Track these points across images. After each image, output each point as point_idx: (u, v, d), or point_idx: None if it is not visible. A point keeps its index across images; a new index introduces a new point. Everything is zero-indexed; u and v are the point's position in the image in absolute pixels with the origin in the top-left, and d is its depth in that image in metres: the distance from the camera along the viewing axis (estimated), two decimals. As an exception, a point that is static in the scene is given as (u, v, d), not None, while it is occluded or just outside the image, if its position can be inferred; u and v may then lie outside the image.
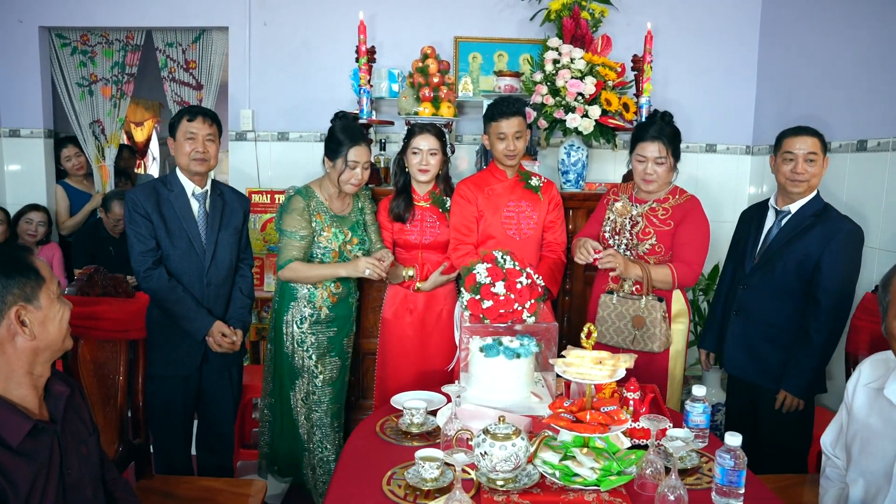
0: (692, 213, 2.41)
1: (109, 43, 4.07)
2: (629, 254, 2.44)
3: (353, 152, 2.45)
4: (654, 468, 1.48)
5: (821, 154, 2.26)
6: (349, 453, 1.68)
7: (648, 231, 2.41)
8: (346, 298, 2.62)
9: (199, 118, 2.33)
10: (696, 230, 2.40)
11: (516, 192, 2.67)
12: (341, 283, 2.57)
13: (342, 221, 2.56)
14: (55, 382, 1.32)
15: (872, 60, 2.77)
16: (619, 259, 2.30)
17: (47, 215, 3.72)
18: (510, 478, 1.45)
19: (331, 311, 2.56)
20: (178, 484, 2.12)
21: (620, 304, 2.38)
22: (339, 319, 2.61)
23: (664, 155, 2.37)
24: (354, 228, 2.58)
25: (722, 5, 3.71)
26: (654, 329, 2.32)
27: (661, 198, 2.46)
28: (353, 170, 2.46)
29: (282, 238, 2.51)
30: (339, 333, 2.62)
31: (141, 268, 2.27)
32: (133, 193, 2.32)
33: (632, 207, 2.48)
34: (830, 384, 2.48)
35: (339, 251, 2.53)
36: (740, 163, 3.81)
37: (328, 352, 2.59)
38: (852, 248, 2.22)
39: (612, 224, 2.51)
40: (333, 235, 2.52)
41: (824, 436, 1.70)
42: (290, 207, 2.49)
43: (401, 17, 3.70)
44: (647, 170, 2.39)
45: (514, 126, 2.56)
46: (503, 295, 1.93)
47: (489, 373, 1.88)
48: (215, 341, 2.36)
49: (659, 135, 2.37)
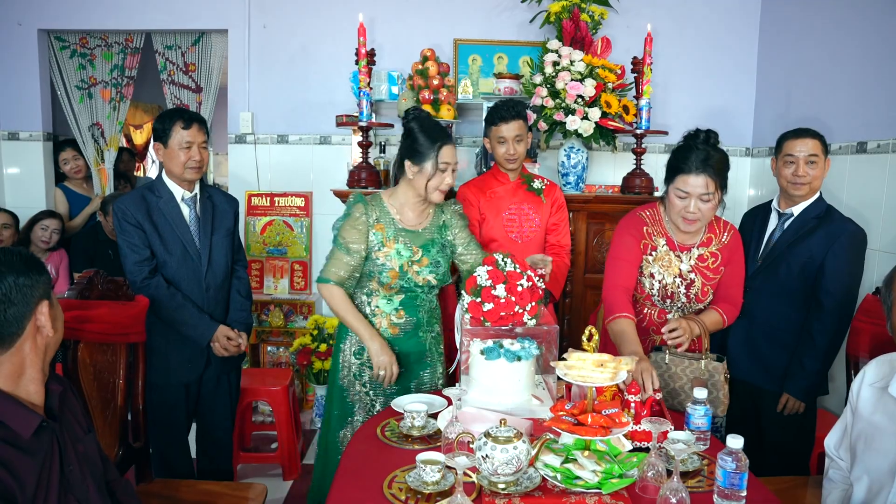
0: (737, 251, 2.17)
1: (109, 46, 4.07)
2: (680, 312, 2.17)
3: (445, 152, 2.10)
4: (655, 471, 1.48)
5: (822, 156, 2.25)
6: (350, 457, 1.67)
7: (707, 290, 2.12)
8: (414, 331, 2.19)
9: (194, 126, 2.29)
10: (740, 268, 2.18)
11: (518, 195, 2.66)
12: (405, 312, 2.17)
13: (413, 237, 2.15)
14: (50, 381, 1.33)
15: (872, 62, 2.77)
16: (685, 326, 2.00)
17: (61, 222, 3.71)
18: (512, 481, 1.44)
19: (393, 343, 2.16)
20: (179, 487, 2.12)
21: (675, 364, 2.01)
22: (405, 357, 2.17)
23: (711, 191, 1.97)
24: (428, 247, 2.16)
25: (721, 8, 3.72)
26: (717, 393, 1.98)
27: (704, 240, 2.13)
28: (444, 172, 2.10)
29: (332, 245, 2.18)
30: (407, 374, 2.18)
31: (137, 278, 2.23)
32: (121, 203, 2.27)
33: (676, 260, 2.11)
34: (832, 386, 2.48)
35: (399, 271, 2.11)
36: (740, 165, 3.81)
37: (391, 394, 2.14)
38: (855, 250, 2.22)
39: (660, 285, 2.13)
40: (396, 252, 2.11)
41: (828, 438, 1.70)
42: (347, 215, 2.16)
43: (400, 20, 3.71)
44: (689, 208, 1.99)
45: (514, 130, 2.56)
46: (504, 298, 1.92)
47: (490, 375, 1.88)
48: (221, 346, 2.35)
49: (704, 166, 1.95)
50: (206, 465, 2.54)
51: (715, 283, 2.14)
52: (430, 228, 2.20)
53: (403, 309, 2.17)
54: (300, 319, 3.76)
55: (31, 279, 1.22)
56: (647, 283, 2.14)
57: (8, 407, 1.19)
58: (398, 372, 2.12)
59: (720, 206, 2.05)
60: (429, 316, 2.23)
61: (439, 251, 2.18)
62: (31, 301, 1.22)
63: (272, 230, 3.88)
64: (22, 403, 1.22)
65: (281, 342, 3.77)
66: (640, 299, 2.21)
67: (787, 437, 2.31)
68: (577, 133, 3.08)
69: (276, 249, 3.89)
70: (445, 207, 2.25)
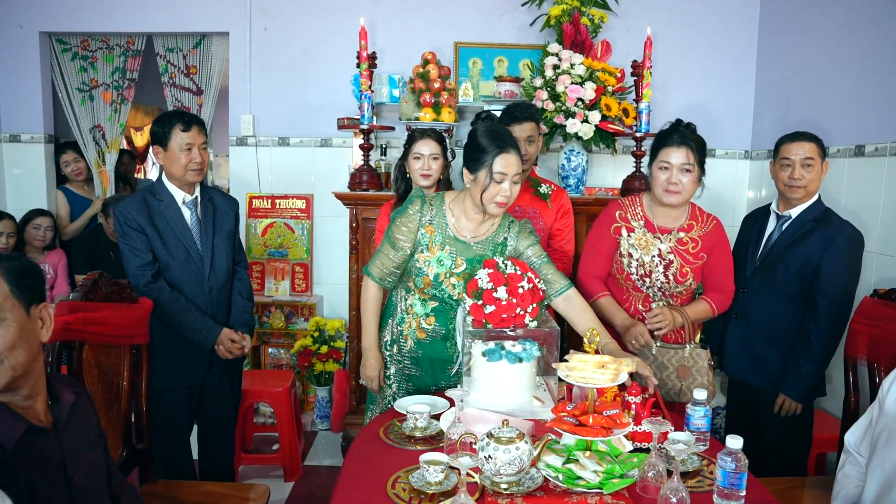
0: (720, 238, 2.25)
1: (110, 48, 4.08)
2: (660, 293, 2.25)
3: (502, 161, 1.92)
4: (656, 471, 1.49)
5: (818, 159, 2.27)
6: (353, 457, 1.69)
7: (686, 272, 2.19)
8: (440, 342, 2.11)
9: (194, 128, 2.29)
10: (726, 256, 2.26)
11: (524, 198, 2.65)
12: (436, 320, 2.09)
13: (462, 248, 2.04)
14: (63, 390, 1.32)
15: (870, 66, 2.79)
16: (667, 314, 2.14)
17: (53, 220, 3.73)
18: (514, 481, 1.46)
19: (417, 346, 2.12)
20: (182, 489, 2.13)
21: (661, 354, 2.15)
22: (429, 362, 2.13)
23: (691, 162, 2.12)
24: (474, 263, 2.03)
25: (721, 11, 3.74)
26: (701, 378, 2.12)
27: (685, 225, 2.23)
28: (501, 184, 1.93)
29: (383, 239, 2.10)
30: (424, 378, 2.15)
31: (140, 282, 2.23)
32: (122, 207, 2.27)
33: (655, 241, 2.21)
34: (830, 388, 2.50)
35: (434, 280, 2.03)
36: (739, 167, 3.83)
37: (407, 392, 2.15)
38: (852, 252, 2.23)
39: (637, 263, 2.22)
40: (437, 260, 2.02)
41: (849, 433, 1.70)
42: (404, 209, 2.07)
43: (401, 23, 3.72)
44: (671, 178, 2.13)
45: (525, 131, 2.56)
46: (505, 300, 1.94)
47: (491, 377, 1.89)
48: (226, 348, 2.36)
49: (685, 139, 2.14)
50: (208, 466, 2.55)
51: (696, 268, 2.21)
52: (484, 243, 2.06)
53: (434, 316, 2.10)
54: (301, 321, 3.77)
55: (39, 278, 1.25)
56: (626, 261, 2.22)
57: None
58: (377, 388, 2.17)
59: (700, 186, 2.18)
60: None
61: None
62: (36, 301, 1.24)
63: (273, 232, 3.89)
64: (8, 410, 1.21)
65: (282, 344, 3.78)
66: (621, 281, 2.27)
67: (785, 438, 2.33)
68: (577, 136, 3.10)
69: (277, 251, 3.90)
70: (513, 225, 2.10)
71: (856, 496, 1.62)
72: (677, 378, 2.13)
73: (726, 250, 2.27)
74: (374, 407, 2.25)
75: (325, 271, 3.91)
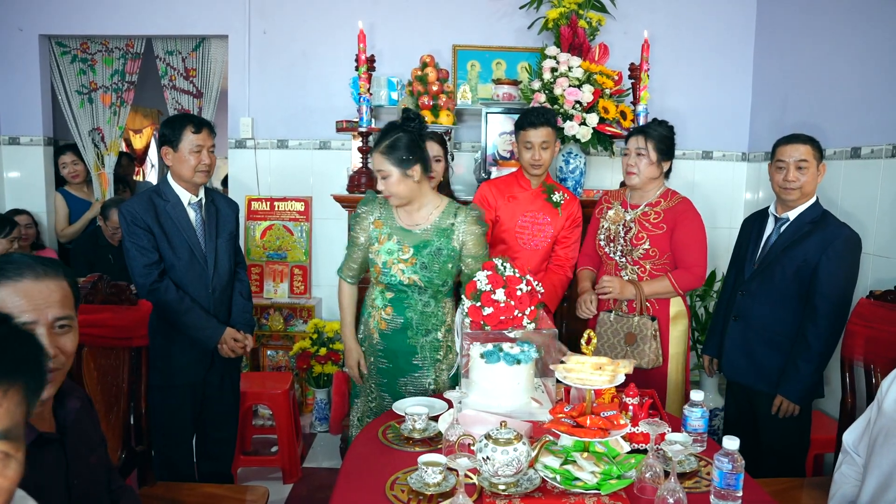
0: (685, 214, 2.46)
1: (109, 51, 4.09)
2: (625, 260, 2.49)
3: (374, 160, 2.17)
4: (653, 472, 1.50)
5: (813, 161, 2.28)
6: (352, 459, 1.69)
7: (642, 236, 2.46)
8: (401, 332, 2.21)
9: (204, 130, 2.34)
10: (692, 232, 2.45)
11: (536, 203, 2.68)
12: (393, 310, 2.21)
13: (407, 236, 2.18)
14: (68, 397, 1.32)
15: (866, 68, 2.81)
16: (615, 284, 2.45)
17: (32, 217, 3.72)
18: (512, 482, 1.47)
19: (382, 339, 2.24)
20: (181, 490, 2.13)
21: (616, 321, 2.49)
22: (392, 354, 2.23)
23: (643, 146, 2.44)
24: (420, 248, 2.16)
25: (717, 14, 3.75)
26: (643, 346, 2.43)
27: (653, 201, 2.50)
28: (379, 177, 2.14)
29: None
30: (394, 371, 2.24)
31: (146, 281, 2.25)
32: (129, 206, 2.29)
33: (624, 213, 2.53)
34: (827, 389, 2.50)
35: (382, 267, 2.18)
36: (736, 169, 3.84)
37: (380, 384, 2.26)
38: (850, 254, 2.24)
39: (605, 232, 2.56)
40: (386, 249, 2.18)
41: (847, 433, 1.71)
42: (357, 210, 2.28)
43: (399, 26, 3.74)
44: (629, 161, 2.47)
45: (541, 136, 2.59)
46: (503, 302, 1.95)
47: (490, 379, 1.90)
48: (229, 347, 2.38)
49: (641, 130, 2.48)
50: (207, 467, 2.55)
51: (654, 235, 2.45)
52: (429, 230, 2.19)
53: (392, 306, 2.21)
54: (300, 323, 3.78)
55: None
56: (601, 232, 2.59)
57: None
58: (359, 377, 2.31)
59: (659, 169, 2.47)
60: (421, 319, 2.20)
61: (433, 254, 2.16)
62: None
63: (272, 234, 3.90)
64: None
65: (281, 346, 3.78)
66: (599, 251, 2.61)
67: (783, 439, 2.33)
68: (575, 138, 3.11)
69: (275, 254, 3.91)
70: (459, 212, 2.22)
71: (853, 496, 1.63)
72: (625, 344, 2.46)
73: (693, 228, 2.46)
74: (358, 401, 2.36)
75: (323, 274, 3.91)
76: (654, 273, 2.48)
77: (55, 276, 1.24)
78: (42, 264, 1.24)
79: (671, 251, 2.46)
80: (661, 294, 2.48)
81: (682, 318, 2.53)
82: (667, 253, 2.47)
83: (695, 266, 2.45)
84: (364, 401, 2.33)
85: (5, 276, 1.19)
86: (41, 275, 1.22)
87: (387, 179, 2.12)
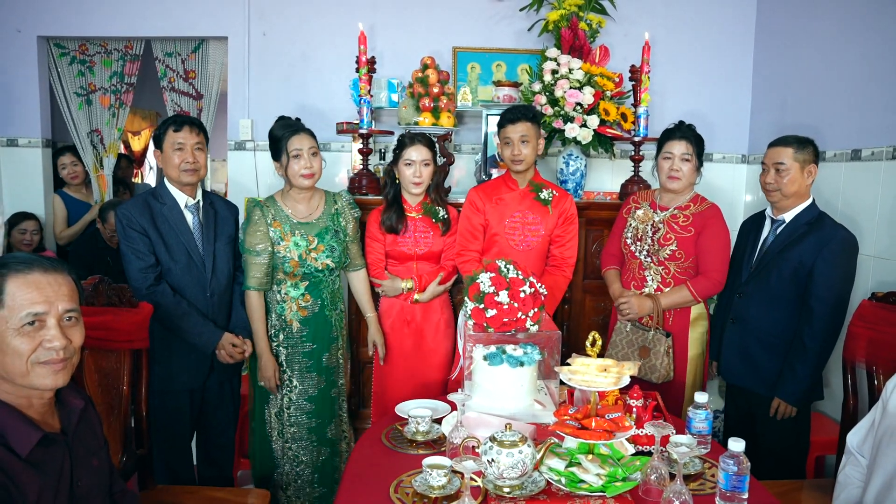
0: (712, 220, 2.47)
1: (108, 52, 4.08)
2: (650, 259, 2.51)
3: (293, 141, 2.40)
4: (658, 474, 1.50)
5: (794, 164, 2.29)
6: (356, 462, 1.69)
7: (669, 237, 2.48)
8: (320, 312, 2.47)
9: (185, 128, 2.30)
10: (716, 239, 2.46)
11: (525, 203, 2.64)
12: (311, 295, 2.45)
13: (307, 228, 2.44)
14: (71, 395, 1.32)
15: (866, 71, 2.81)
16: (632, 304, 2.48)
17: (39, 223, 3.71)
18: (517, 485, 1.46)
19: (302, 324, 2.45)
20: (182, 494, 2.12)
21: (632, 332, 2.52)
22: (315, 334, 2.47)
23: (690, 153, 2.46)
24: (323, 235, 2.45)
25: (718, 16, 3.76)
26: (655, 361, 2.44)
27: (683, 205, 2.52)
28: (298, 158, 2.39)
29: (243, 254, 2.43)
30: (318, 349, 2.48)
31: (143, 285, 2.22)
32: (125, 209, 2.27)
33: (653, 214, 2.54)
34: (827, 391, 2.50)
35: (299, 260, 2.40)
36: (736, 171, 3.85)
37: (305, 368, 2.47)
38: (845, 255, 2.25)
39: (633, 231, 2.57)
40: (294, 244, 2.39)
41: (851, 434, 1.71)
42: (247, 221, 2.43)
43: (400, 28, 3.73)
44: (672, 166, 2.46)
45: (518, 131, 2.54)
46: (507, 304, 1.94)
47: (493, 381, 1.89)
48: (227, 353, 2.35)
49: (685, 134, 2.48)
50: (207, 471, 2.54)
51: (682, 238, 2.46)
52: (322, 217, 2.48)
53: (309, 293, 2.45)
54: (299, 325, 3.76)
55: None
56: (628, 230, 2.60)
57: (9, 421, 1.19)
58: (275, 387, 2.44)
59: (697, 175, 2.53)
60: (332, 296, 2.51)
61: (333, 237, 2.47)
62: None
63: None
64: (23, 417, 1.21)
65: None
66: (623, 249, 2.62)
67: (782, 441, 2.33)
68: (575, 140, 3.10)
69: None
70: (337, 198, 2.55)
71: (857, 497, 1.63)
72: (638, 356, 2.48)
73: (718, 234, 2.46)
74: (268, 408, 2.50)
75: (323, 275, 3.90)
76: (678, 276, 2.49)
77: (61, 270, 1.29)
78: (48, 260, 1.29)
79: (696, 255, 2.47)
80: (679, 304, 2.49)
81: (702, 321, 2.53)
82: (692, 256, 2.48)
83: (714, 272, 2.45)
84: (277, 406, 2.48)
85: (15, 268, 1.23)
86: (49, 269, 1.26)
87: (315, 157, 2.48)
